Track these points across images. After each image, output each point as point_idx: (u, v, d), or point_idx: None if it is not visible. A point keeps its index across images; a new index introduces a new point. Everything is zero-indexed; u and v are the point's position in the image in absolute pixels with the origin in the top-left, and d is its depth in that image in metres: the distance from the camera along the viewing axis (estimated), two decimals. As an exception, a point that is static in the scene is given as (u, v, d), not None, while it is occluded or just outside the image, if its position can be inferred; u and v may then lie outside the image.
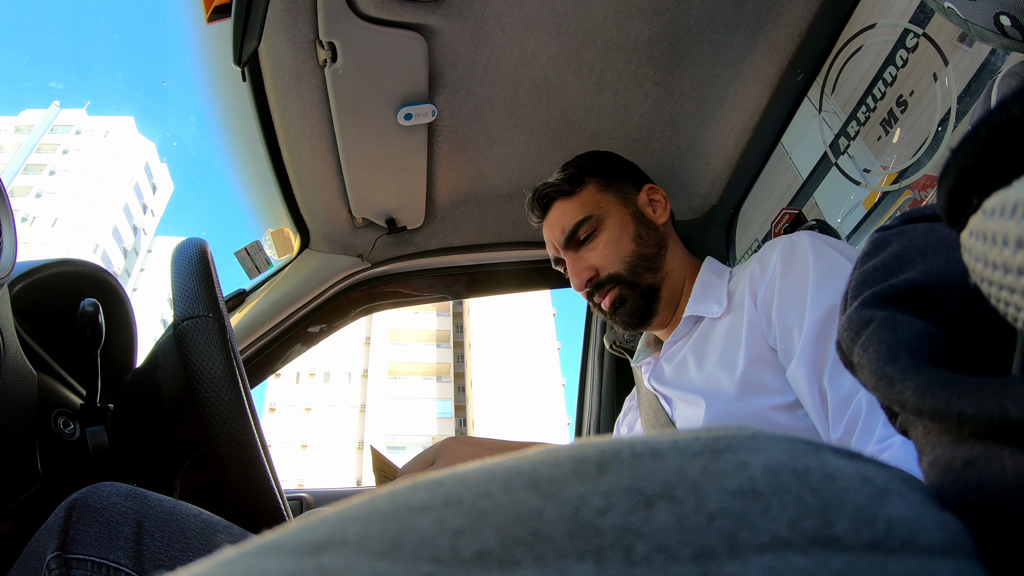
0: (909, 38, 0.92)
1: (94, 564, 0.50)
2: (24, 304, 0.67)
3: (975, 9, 0.37)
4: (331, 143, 1.12)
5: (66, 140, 35.71)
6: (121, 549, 0.51)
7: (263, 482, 0.61)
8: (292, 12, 0.90)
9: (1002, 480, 0.19)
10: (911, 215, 0.36)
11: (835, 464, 0.18)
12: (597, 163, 1.03)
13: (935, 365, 0.25)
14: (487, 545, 0.15)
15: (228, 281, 1.15)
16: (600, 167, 1.02)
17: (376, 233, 1.37)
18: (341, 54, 0.95)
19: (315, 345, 1.47)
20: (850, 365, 0.32)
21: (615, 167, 1.04)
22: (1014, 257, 0.19)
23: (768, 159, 1.29)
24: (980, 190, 0.21)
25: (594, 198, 0.98)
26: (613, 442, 0.19)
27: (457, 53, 1.02)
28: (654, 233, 0.99)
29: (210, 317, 0.62)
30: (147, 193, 38.26)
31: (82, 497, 0.53)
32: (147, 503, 0.55)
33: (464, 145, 1.21)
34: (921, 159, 0.90)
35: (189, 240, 0.72)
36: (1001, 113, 0.20)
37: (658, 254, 0.98)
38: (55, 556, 0.49)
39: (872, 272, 0.33)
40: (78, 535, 0.51)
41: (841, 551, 0.15)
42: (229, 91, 1.15)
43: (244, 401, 0.60)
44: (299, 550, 0.15)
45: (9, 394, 0.57)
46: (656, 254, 0.98)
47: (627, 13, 1.01)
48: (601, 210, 0.97)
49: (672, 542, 0.15)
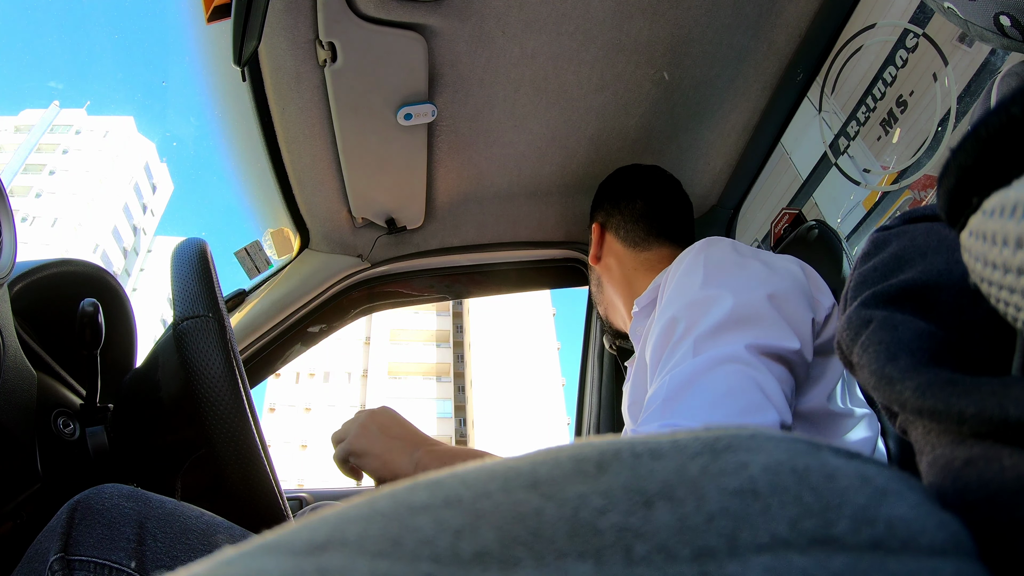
0: (909, 38, 0.92)
1: (97, 565, 0.50)
2: (24, 304, 0.67)
3: (975, 9, 0.37)
4: (331, 143, 1.12)
5: (66, 140, 35.71)
6: (123, 550, 0.51)
7: (263, 482, 0.61)
8: (292, 12, 0.90)
9: (1002, 480, 0.19)
10: (911, 215, 0.36)
11: (835, 464, 0.18)
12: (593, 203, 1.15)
13: (935, 365, 0.25)
14: (487, 545, 0.15)
15: (228, 281, 1.15)
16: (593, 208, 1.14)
17: (376, 233, 1.37)
18: (341, 54, 0.95)
19: (315, 345, 1.47)
20: (850, 365, 0.32)
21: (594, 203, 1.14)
22: (1014, 257, 0.19)
23: (768, 159, 1.29)
24: (980, 190, 0.21)
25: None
26: (613, 442, 0.19)
27: (457, 53, 1.02)
28: (593, 273, 1.12)
29: (210, 317, 0.62)
30: (147, 193, 38.25)
31: (84, 499, 0.53)
32: (149, 504, 0.55)
33: (464, 145, 1.21)
34: (921, 159, 0.90)
35: (189, 240, 0.72)
36: (1001, 113, 0.20)
37: (597, 291, 1.12)
38: (58, 558, 0.50)
39: (872, 272, 0.33)
40: (80, 536, 0.51)
41: (841, 551, 0.15)
42: (229, 91, 1.15)
43: (244, 401, 0.60)
44: (299, 550, 0.15)
45: (9, 394, 0.57)
46: (595, 292, 1.13)
47: (627, 13, 1.01)
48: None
49: (672, 542, 0.15)
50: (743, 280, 0.68)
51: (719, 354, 0.60)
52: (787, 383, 0.62)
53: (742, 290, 0.66)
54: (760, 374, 0.59)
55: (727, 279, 0.68)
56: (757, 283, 0.67)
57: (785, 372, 0.62)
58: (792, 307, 0.66)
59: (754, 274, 0.69)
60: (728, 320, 0.63)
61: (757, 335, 0.62)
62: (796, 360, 0.63)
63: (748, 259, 0.72)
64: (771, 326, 0.63)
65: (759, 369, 0.59)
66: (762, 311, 0.64)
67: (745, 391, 0.57)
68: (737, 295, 0.65)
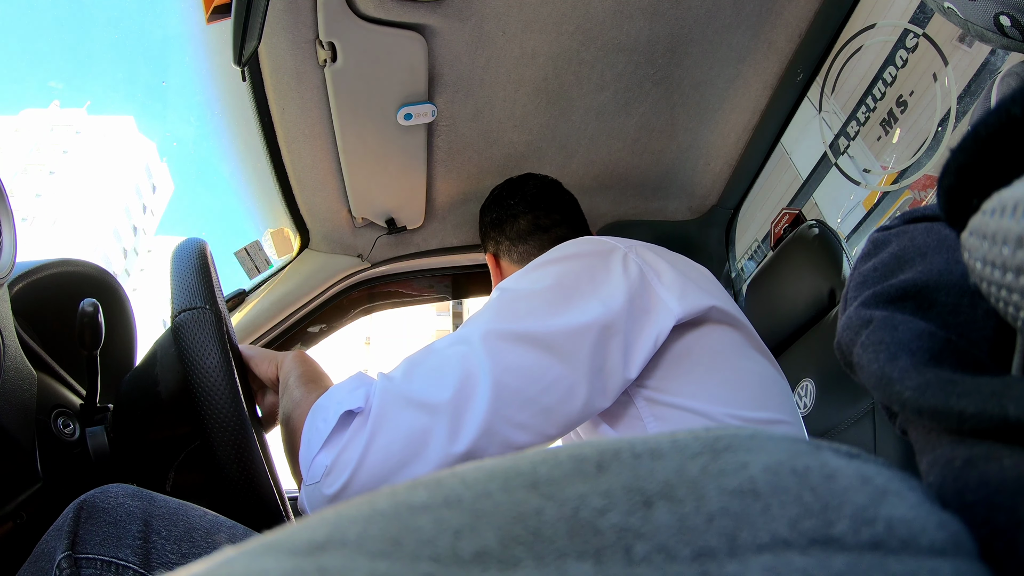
0: (909, 38, 0.92)
1: (103, 563, 0.51)
2: (24, 304, 0.67)
3: (975, 9, 0.37)
4: (331, 143, 1.12)
5: (66, 140, 35.71)
6: (129, 547, 0.52)
7: (259, 473, 0.61)
8: (292, 12, 0.90)
9: (1002, 480, 0.19)
10: (911, 215, 0.36)
11: (835, 464, 0.18)
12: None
13: (935, 365, 0.25)
14: (487, 545, 0.15)
15: (228, 281, 1.15)
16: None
17: (376, 233, 1.37)
18: (341, 54, 0.95)
19: (315, 345, 1.47)
20: (849, 365, 0.32)
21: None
22: (1014, 257, 0.19)
23: (768, 159, 1.29)
24: (980, 190, 0.21)
25: None
26: (613, 442, 0.19)
27: (457, 53, 1.02)
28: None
29: (207, 309, 0.62)
30: (147, 193, 38.25)
31: (90, 498, 0.54)
32: (154, 503, 0.56)
33: (464, 145, 1.21)
34: (921, 159, 0.90)
35: (188, 239, 0.72)
36: (1000, 113, 0.20)
37: None
38: (65, 556, 0.50)
39: (872, 272, 0.34)
40: (87, 535, 0.52)
41: (841, 551, 0.15)
42: (229, 91, 1.15)
43: (240, 391, 0.60)
44: (299, 550, 0.15)
45: (9, 394, 0.57)
46: None
47: (627, 13, 1.01)
48: None
49: (672, 542, 0.15)
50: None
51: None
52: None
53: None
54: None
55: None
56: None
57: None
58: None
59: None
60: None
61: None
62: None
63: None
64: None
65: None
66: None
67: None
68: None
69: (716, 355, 0.69)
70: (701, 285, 0.71)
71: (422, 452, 0.58)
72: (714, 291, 0.73)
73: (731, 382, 0.69)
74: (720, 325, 0.71)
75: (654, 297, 0.68)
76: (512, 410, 0.59)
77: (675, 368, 0.68)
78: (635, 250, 0.72)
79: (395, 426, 0.59)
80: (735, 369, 0.70)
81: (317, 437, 0.61)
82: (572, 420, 0.63)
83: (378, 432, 0.59)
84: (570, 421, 0.63)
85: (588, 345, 0.63)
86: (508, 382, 0.60)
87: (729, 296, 0.76)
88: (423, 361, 0.64)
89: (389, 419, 0.59)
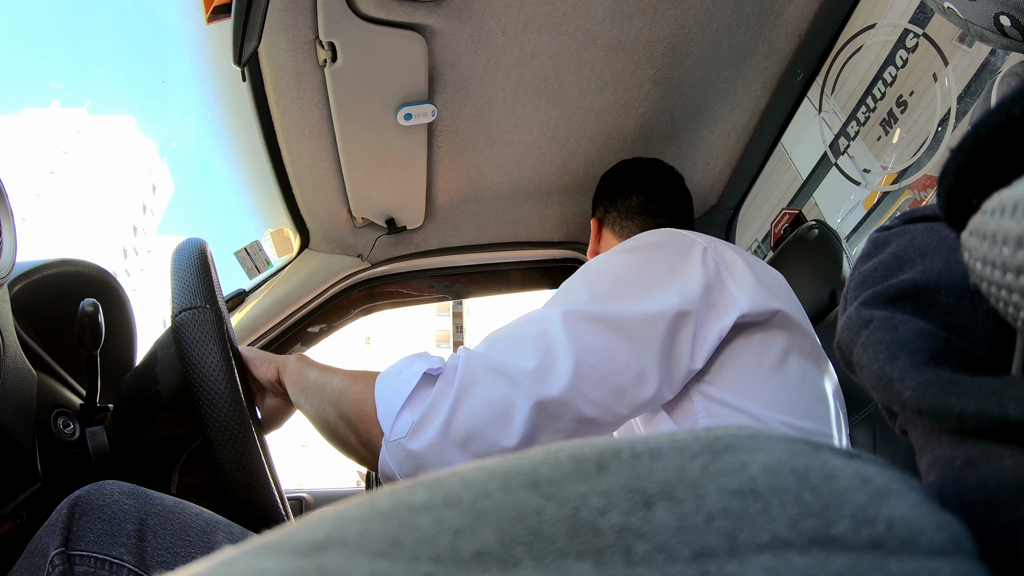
0: (909, 38, 0.92)
1: (97, 560, 0.50)
2: (24, 304, 0.67)
3: (975, 9, 0.37)
4: (331, 143, 1.12)
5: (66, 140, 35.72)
6: (124, 546, 0.52)
7: (259, 473, 0.61)
8: (292, 12, 0.90)
9: (1002, 480, 0.19)
10: (911, 215, 0.36)
11: (835, 464, 0.18)
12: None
13: (935, 365, 0.25)
14: (487, 545, 0.15)
15: (228, 281, 1.15)
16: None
17: (376, 233, 1.37)
18: (341, 54, 0.95)
19: (315, 345, 1.47)
20: (850, 365, 0.32)
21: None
22: (1014, 257, 0.19)
23: (768, 159, 1.29)
24: (980, 190, 0.21)
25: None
26: (613, 442, 0.19)
27: (457, 53, 1.02)
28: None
29: (207, 308, 0.62)
30: (147, 193, 38.25)
31: (84, 494, 0.53)
32: (149, 501, 0.56)
33: (464, 145, 1.21)
34: (921, 159, 0.90)
35: (188, 239, 0.72)
36: (1000, 113, 0.20)
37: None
38: (58, 552, 0.50)
39: (872, 272, 0.33)
40: (81, 532, 0.51)
41: (841, 551, 0.15)
42: (229, 91, 1.15)
43: (240, 390, 0.60)
44: (299, 550, 0.15)
45: (9, 394, 0.57)
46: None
47: (627, 13, 1.01)
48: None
49: (672, 542, 0.15)
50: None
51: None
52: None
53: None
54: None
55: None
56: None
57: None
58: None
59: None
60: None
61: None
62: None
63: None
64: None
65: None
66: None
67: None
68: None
69: (776, 359, 0.71)
70: (771, 288, 0.73)
71: (504, 416, 0.61)
72: (784, 296, 0.74)
73: (787, 388, 0.70)
74: (784, 331, 0.72)
75: (724, 291, 0.70)
76: (588, 386, 0.62)
77: (735, 366, 0.70)
78: (714, 246, 0.75)
79: (480, 390, 0.61)
80: (793, 376, 0.71)
81: (397, 397, 0.63)
82: (641, 404, 0.66)
83: (464, 395, 0.61)
84: (639, 404, 0.66)
85: (660, 333, 0.65)
86: (587, 359, 0.63)
87: (799, 304, 0.78)
88: (507, 336, 0.67)
89: (475, 382, 0.62)
